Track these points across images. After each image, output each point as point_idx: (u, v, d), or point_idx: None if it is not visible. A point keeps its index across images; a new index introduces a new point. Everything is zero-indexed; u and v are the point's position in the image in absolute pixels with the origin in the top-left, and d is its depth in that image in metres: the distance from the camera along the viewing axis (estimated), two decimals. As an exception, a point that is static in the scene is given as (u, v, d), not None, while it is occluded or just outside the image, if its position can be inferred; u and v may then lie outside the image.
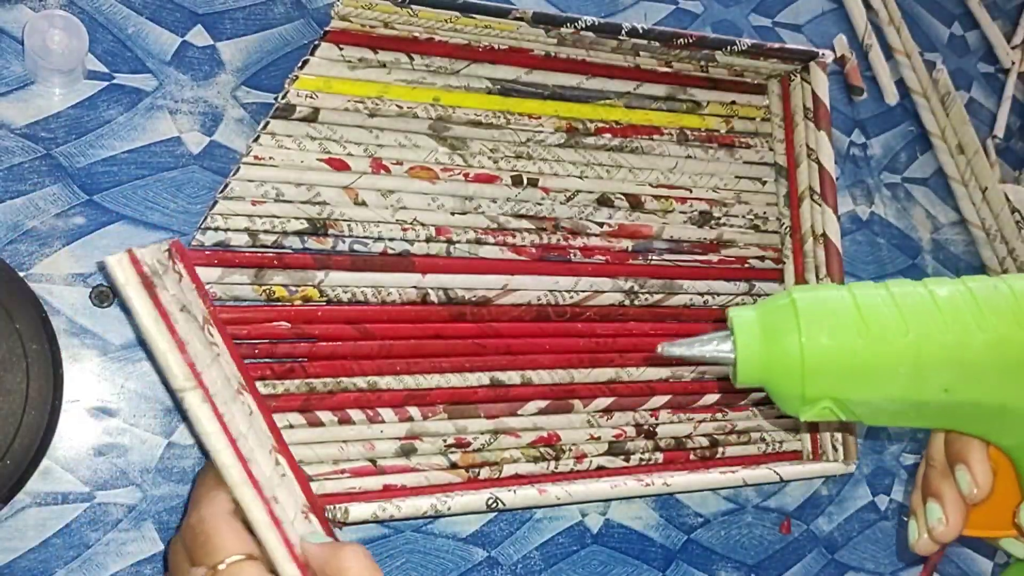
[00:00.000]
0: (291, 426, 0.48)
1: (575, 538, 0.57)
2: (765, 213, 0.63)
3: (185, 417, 0.47)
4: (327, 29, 0.50)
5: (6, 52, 0.47)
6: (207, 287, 0.47)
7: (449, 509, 0.48)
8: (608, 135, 0.58)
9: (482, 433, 0.53)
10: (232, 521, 0.38)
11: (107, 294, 0.48)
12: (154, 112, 0.49)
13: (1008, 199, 0.72)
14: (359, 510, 0.46)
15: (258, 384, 0.48)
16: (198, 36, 0.51)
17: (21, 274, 0.45)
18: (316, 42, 0.51)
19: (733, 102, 0.63)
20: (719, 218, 0.61)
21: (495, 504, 0.49)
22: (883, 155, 0.73)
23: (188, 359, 0.36)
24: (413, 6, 0.49)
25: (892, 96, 0.73)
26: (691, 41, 0.56)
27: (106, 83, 0.49)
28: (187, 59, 0.51)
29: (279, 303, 0.49)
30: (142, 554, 0.47)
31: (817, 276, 0.61)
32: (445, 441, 0.52)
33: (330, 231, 0.50)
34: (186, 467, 0.48)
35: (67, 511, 0.46)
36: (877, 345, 0.30)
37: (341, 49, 0.51)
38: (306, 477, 0.44)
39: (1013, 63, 0.79)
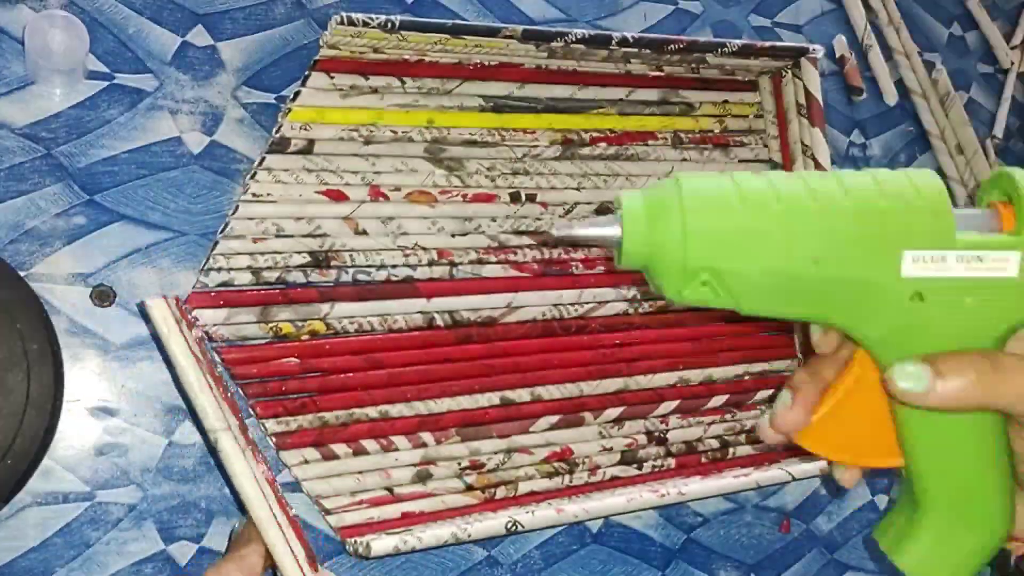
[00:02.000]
0: (306, 461, 0.48)
1: (575, 537, 0.57)
2: (763, 212, 0.63)
3: (212, 450, 0.47)
4: (317, 58, 0.50)
5: (7, 52, 0.47)
6: (214, 328, 0.47)
7: (469, 536, 0.48)
8: (603, 144, 0.58)
9: (495, 453, 0.53)
10: None
11: (107, 294, 0.48)
12: (155, 112, 0.49)
13: None
14: (380, 544, 0.46)
15: (271, 422, 0.48)
16: (199, 36, 0.51)
17: (22, 274, 0.45)
18: (307, 72, 0.50)
19: (725, 101, 0.62)
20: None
21: (514, 527, 0.49)
22: (882, 155, 0.73)
23: (217, 400, 0.37)
24: (402, 31, 0.48)
25: (892, 96, 0.73)
26: (681, 47, 0.56)
27: (107, 83, 0.49)
28: (187, 59, 0.51)
29: (286, 340, 0.49)
30: (143, 553, 0.47)
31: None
32: (460, 464, 0.52)
33: (333, 263, 0.50)
34: (186, 466, 0.48)
35: (68, 510, 0.46)
36: (751, 211, 0.32)
37: (332, 77, 0.51)
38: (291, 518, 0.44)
39: (1012, 63, 0.79)
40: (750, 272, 0.32)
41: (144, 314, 0.44)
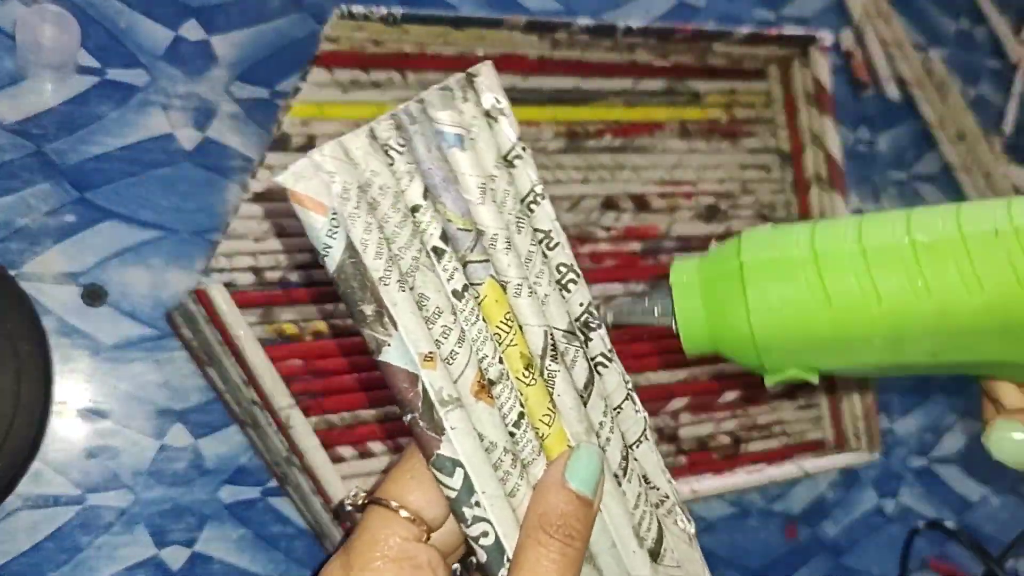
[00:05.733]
0: None
1: (577, 542, 0.56)
2: (772, 201, 0.62)
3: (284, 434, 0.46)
4: (317, 53, 0.49)
5: (-4, 47, 0.46)
6: None
7: None
8: (609, 136, 0.57)
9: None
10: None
11: (99, 293, 0.47)
12: (147, 108, 0.49)
13: (1010, 182, 0.72)
14: None
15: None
16: (191, 30, 0.50)
17: (12, 273, 0.45)
18: (307, 68, 0.50)
19: (732, 90, 0.62)
20: (726, 211, 0.61)
21: None
22: (889, 152, 0.72)
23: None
24: (404, 24, 0.48)
25: (891, 89, 0.72)
26: (687, 36, 0.56)
27: (98, 78, 0.48)
28: (180, 54, 0.50)
29: (290, 341, 0.48)
30: (134, 558, 0.46)
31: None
32: None
33: None
34: (178, 469, 0.47)
35: (58, 514, 0.45)
36: (842, 317, 0.26)
37: (332, 72, 0.50)
38: None
39: (1021, 58, 0.79)
40: (848, 367, 0.28)
41: (197, 304, 0.42)
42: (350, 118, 0.50)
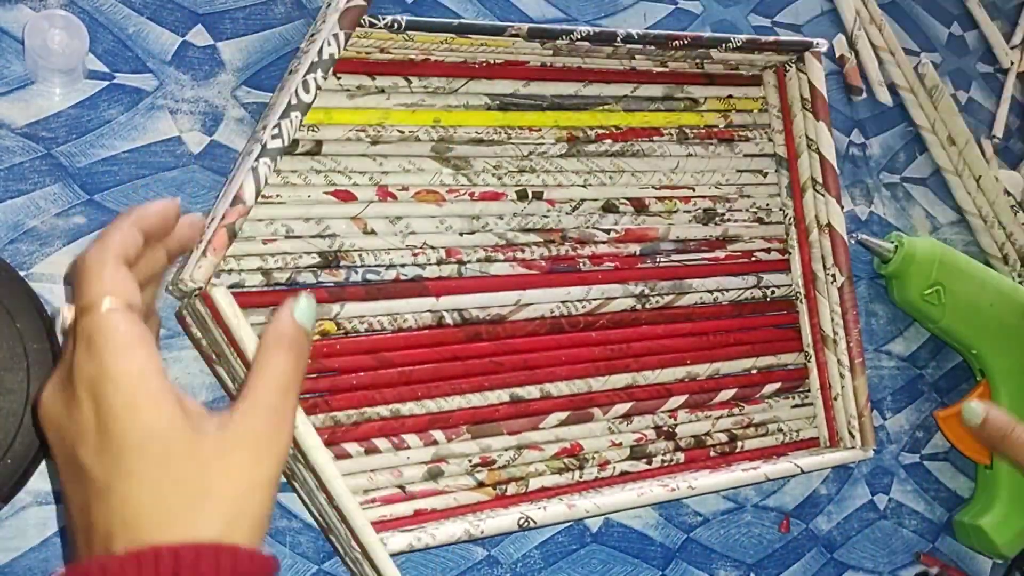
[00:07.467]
0: None
1: (574, 537, 0.57)
2: (768, 205, 0.63)
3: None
4: None
5: (6, 52, 0.47)
6: None
7: (482, 533, 0.48)
8: (609, 141, 0.58)
9: (506, 450, 0.53)
10: (121, 266, 0.32)
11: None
12: (155, 112, 0.49)
13: (1001, 185, 0.73)
14: (395, 542, 0.46)
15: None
16: (198, 36, 0.51)
17: (22, 274, 0.45)
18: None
19: (730, 96, 0.63)
20: (723, 214, 0.62)
21: (526, 523, 0.49)
22: (882, 155, 0.73)
23: None
24: (409, 31, 0.48)
25: (884, 94, 0.73)
26: (686, 43, 0.56)
27: (107, 83, 0.49)
28: (187, 59, 0.51)
29: None
30: (143, 553, 0.47)
31: (824, 266, 0.61)
32: (470, 461, 0.52)
33: (342, 263, 0.50)
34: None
35: (68, 510, 0.46)
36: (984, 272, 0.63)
37: (339, 78, 0.51)
38: None
39: (1012, 63, 0.80)
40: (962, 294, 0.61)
41: (204, 305, 0.43)
42: (356, 123, 0.51)
